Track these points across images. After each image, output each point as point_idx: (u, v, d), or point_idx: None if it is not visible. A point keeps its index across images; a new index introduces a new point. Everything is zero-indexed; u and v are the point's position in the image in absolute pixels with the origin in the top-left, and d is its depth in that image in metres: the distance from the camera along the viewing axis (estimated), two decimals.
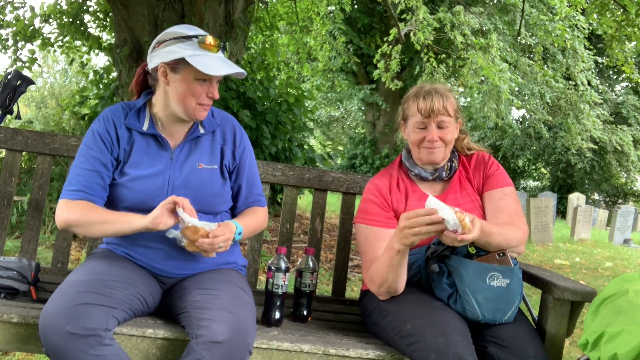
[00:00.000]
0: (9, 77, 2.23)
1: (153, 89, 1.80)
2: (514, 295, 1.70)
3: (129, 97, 1.88)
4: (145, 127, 1.77)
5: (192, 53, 1.67)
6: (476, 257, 1.71)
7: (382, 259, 1.73)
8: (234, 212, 1.91)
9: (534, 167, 25.64)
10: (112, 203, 1.76)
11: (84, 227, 1.68)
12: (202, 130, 1.81)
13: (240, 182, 1.88)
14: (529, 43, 11.25)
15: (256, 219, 1.89)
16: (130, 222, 1.63)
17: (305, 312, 1.92)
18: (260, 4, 8.15)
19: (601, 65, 16.27)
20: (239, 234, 1.74)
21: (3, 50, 7.79)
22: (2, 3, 7.66)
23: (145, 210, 1.67)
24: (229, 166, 1.85)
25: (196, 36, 1.70)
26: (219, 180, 1.81)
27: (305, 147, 7.16)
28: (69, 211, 1.68)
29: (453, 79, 14.44)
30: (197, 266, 1.77)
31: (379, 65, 9.27)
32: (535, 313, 1.93)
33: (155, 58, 1.72)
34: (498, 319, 1.69)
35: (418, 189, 1.93)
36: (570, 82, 14.07)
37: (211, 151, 1.82)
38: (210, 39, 1.70)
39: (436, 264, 1.72)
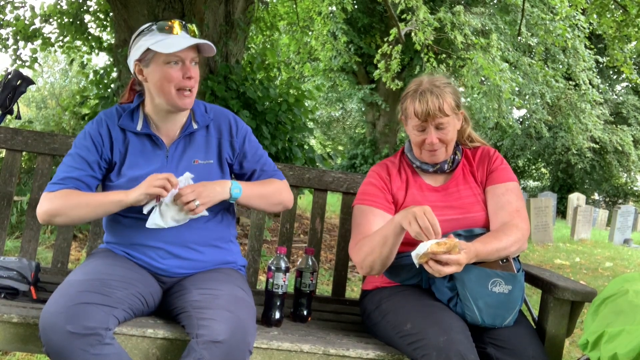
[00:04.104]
0: (9, 77, 2.23)
1: (143, 92, 1.81)
2: (515, 301, 1.70)
3: (120, 99, 1.89)
4: (139, 127, 1.78)
5: (154, 40, 1.68)
6: (479, 262, 1.70)
7: (379, 231, 1.73)
8: None
9: (534, 167, 25.64)
10: None
11: (67, 215, 1.66)
12: (195, 126, 1.81)
13: (250, 166, 1.87)
14: (529, 43, 11.24)
15: (268, 185, 1.85)
16: (118, 202, 1.64)
17: (305, 312, 1.92)
18: (260, 4, 8.14)
19: (601, 65, 16.26)
20: (236, 190, 1.72)
21: (3, 50, 7.79)
22: (2, 3, 7.66)
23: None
24: (230, 158, 1.85)
25: (154, 23, 1.71)
26: (216, 175, 1.80)
27: (305, 147, 7.16)
28: (49, 201, 1.67)
29: (453, 79, 14.43)
30: (197, 265, 1.77)
31: (379, 65, 9.26)
32: (536, 313, 1.93)
33: (130, 60, 1.76)
34: (497, 324, 1.69)
35: (419, 179, 1.92)
36: (571, 82, 14.07)
37: (206, 146, 1.82)
38: (166, 22, 1.70)
39: None
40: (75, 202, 1.66)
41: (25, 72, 8.15)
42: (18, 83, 2.23)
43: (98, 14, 8.08)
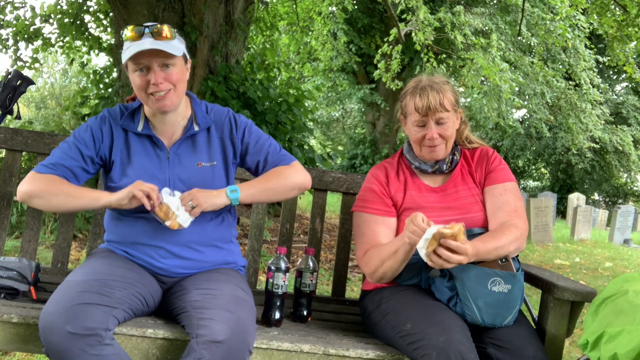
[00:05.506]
0: (9, 77, 2.23)
1: None
2: (514, 300, 1.70)
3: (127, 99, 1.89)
4: (139, 128, 1.78)
5: (124, 49, 1.69)
6: (478, 262, 1.70)
7: (389, 245, 1.75)
8: None
9: (534, 167, 25.65)
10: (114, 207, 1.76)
11: (46, 199, 1.66)
12: (196, 128, 1.81)
13: (253, 159, 1.85)
14: (530, 43, 11.23)
15: (271, 176, 1.80)
16: (97, 199, 1.65)
17: (305, 312, 1.92)
18: (260, 4, 8.15)
19: (601, 66, 16.25)
20: (233, 191, 1.71)
21: (3, 51, 7.80)
22: (2, 3, 7.67)
23: (146, 212, 1.68)
24: (234, 156, 1.84)
25: (124, 30, 1.70)
26: (220, 177, 1.80)
27: (305, 147, 7.16)
28: (34, 182, 1.67)
29: (453, 79, 14.45)
30: (197, 266, 1.77)
31: (379, 65, 9.26)
32: (535, 313, 1.93)
33: None
34: (497, 324, 1.69)
35: (418, 180, 1.93)
36: (571, 82, 14.06)
37: (209, 147, 1.82)
38: (131, 29, 1.68)
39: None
40: (58, 190, 1.66)
41: (26, 72, 8.15)
42: (18, 83, 2.23)
43: (98, 14, 8.09)
